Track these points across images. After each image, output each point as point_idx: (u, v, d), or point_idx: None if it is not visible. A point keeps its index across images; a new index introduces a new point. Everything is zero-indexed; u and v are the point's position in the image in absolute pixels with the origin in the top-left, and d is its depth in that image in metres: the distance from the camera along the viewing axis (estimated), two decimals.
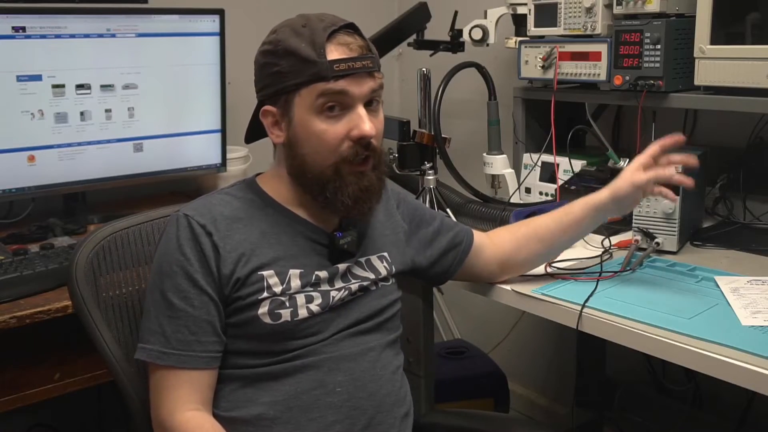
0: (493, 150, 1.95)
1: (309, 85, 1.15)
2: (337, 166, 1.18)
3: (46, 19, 1.90)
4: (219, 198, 1.24)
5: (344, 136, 1.17)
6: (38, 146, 1.95)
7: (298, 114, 1.17)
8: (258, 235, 1.21)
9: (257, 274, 1.18)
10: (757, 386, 1.13)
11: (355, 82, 1.16)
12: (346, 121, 1.17)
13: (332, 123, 1.16)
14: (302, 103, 1.16)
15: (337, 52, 1.15)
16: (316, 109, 1.16)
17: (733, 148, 1.88)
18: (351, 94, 1.16)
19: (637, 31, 1.72)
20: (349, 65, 1.15)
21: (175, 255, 1.16)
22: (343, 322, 1.23)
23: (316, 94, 1.15)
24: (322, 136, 1.17)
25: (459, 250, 1.43)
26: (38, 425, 2.12)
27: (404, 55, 2.74)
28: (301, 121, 1.17)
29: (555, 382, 2.61)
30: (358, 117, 1.17)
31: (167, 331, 1.15)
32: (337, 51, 1.15)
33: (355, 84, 1.16)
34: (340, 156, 1.17)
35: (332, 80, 1.14)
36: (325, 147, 1.17)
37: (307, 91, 1.15)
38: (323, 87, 1.14)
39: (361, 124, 1.16)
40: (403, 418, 1.26)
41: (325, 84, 1.14)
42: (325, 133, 1.16)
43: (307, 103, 1.16)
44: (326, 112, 1.16)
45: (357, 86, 1.16)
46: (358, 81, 1.16)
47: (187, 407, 1.15)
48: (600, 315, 1.34)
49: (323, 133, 1.17)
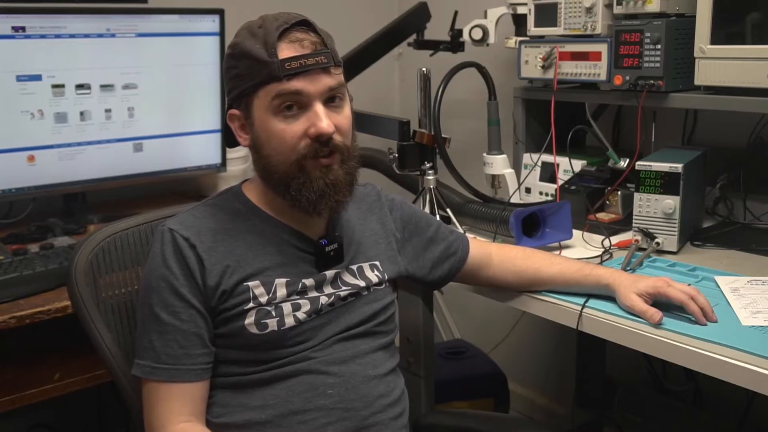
0: (493, 150, 1.95)
1: (264, 86, 1.15)
2: (299, 163, 1.17)
3: (45, 19, 1.90)
4: (204, 210, 1.24)
5: (302, 134, 1.16)
6: (38, 146, 1.95)
7: (258, 115, 1.18)
8: (243, 246, 1.21)
9: (243, 285, 1.18)
10: (757, 386, 1.13)
11: (309, 80, 1.15)
12: (305, 119, 1.16)
13: (290, 122, 1.16)
14: (260, 105, 1.17)
15: (288, 50, 1.15)
16: (273, 110, 1.16)
17: (733, 148, 1.87)
18: (306, 92, 1.15)
19: (637, 31, 1.71)
20: (301, 63, 1.14)
21: (161, 270, 1.17)
22: (333, 329, 1.23)
23: (272, 95, 1.15)
24: (281, 135, 1.16)
25: (454, 260, 1.43)
26: (38, 425, 2.12)
27: (404, 55, 2.73)
28: (261, 122, 1.18)
29: (555, 382, 2.61)
30: (315, 115, 1.16)
31: (157, 347, 1.16)
32: (289, 49, 1.15)
33: (309, 82, 1.15)
34: (299, 154, 1.17)
35: (285, 80, 1.13)
36: (284, 146, 1.17)
37: (263, 92, 1.16)
38: (277, 88, 1.14)
39: (318, 122, 1.15)
40: (396, 418, 1.26)
41: (279, 84, 1.14)
42: (283, 133, 1.16)
43: (264, 104, 1.16)
44: (284, 111, 1.16)
45: (312, 84, 1.15)
46: (313, 78, 1.15)
47: (179, 419, 1.15)
48: (600, 315, 1.34)
49: (282, 133, 1.16)
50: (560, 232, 1.69)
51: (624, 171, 1.80)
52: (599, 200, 1.84)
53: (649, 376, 2.19)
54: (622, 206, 1.82)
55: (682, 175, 1.58)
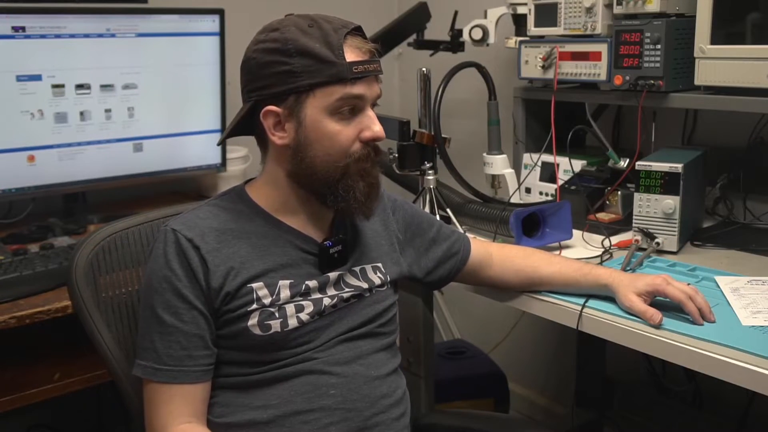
0: (493, 150, 1.95)
1: (327, 86, 1.14)
2: (347, 167, 1.18)
3: (45, 19, 1.90)
4: (207, 210, 1.23)
5: (355, 137, 1.18)
6: (38, 146, 1.95)
7: (311, 114, 1.16)
8: (247, 247, 1.20)
9: (247, 287, 1.18)
10: (757, 386, 1.13)
11: (368, 86, 1.17)
12: (357, 122, 1.18)
13: (345, 124, 1.17)
14: (316, 104, 1.15)
15: (352, 54, 1.15)
16: (331, 111, 1.16)
17: (733, 148, 1.87)
18: (365, 97, 1.17)
19: (637, 31, 1.71)
20: (366, 68, 1.16)
21: (163, 270, 1.16)
22: (336, 330, 1.23)
23: (336, 96, 1.15)
24: (336, 137, 1.17)
25: (456, 260, 1.44)
26: (38, 425, 2.12)
27: (404, 55, 2.74)
28: (314, 122, 1.16)
29: (555, 382, 2.61)
30: (369, 119, 1.18)
31: (159, 348, 1.15)
32: (353, 53, 1.16)
33: (368, 87, 1.17)
34: (351, 157, 1.18)
35: (350, 82, 1.14)
36: (337, 148, 1.17)
37: (323, 92, 1.15)
38: (343, 90, 1.14)
39: (373, 126, 1.18)
40: (399, 419, 1.26)
41: (344, 86, 1.14)
42: (339, 134, 1.17)
43: (322, 104, 1.15)
44: (342, 113, 1.16)
45: (369, 90, 1.18)
46: (370, 84, 1.18)
47: (180, 420, 1.15)
48: (600, 315, 1.34)
49: (337, 134, 1.17)
50: (560, 232, 1.69)
51: (624, 171, 1.80)
52: (599, 200, 1.84)
53: (649, 376, 2.19)
54: (622, 206, 1.82)
55: (682, 175, 1.59)
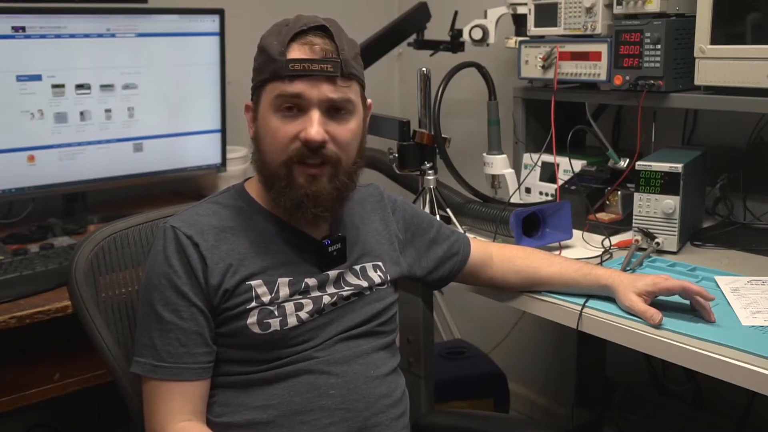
0: (493, 150, 1.95)
1: (270, 82, 1.17)
2: (288, 166, 1.17)
3: (45, 19, 1.90)
4: (207, 207, 1.24)
5: (294, 136, 1.17)
6: (38, 146, 1.95)
7: (261, 110, 1.20)
8: (246, 244, 1.20)
9: (246, 284, 1.18)
10: (757, 386, 1.13)
11: (311, 85, 1.15)
12: (300, 122, 1.16)
13: (286, 122, 1.17)
14: (265, 100, 1.19)
15: (298, 52, 1.16)
16: (274, 108, 1.17)
17: (733, 148, 1.87)
18: (306, 97, 1.15)
19: (637, 31, 1.71)
20: (305, 66, 1.14)
21: (163, 268, 1.17)
22: (335, 329, 1.23)
23: (275, 93, 1.16)
24: (275, 133, 1.17)
25: (456, 260, 1.44)
26: (38, 425, 2.12)
27: (404, 55, 2.73)
28: (262, 117, 1.19)
29: (555, 382, 2.61)
30: (308, 120, 1.16)
31: (158, 345, 1.15)
32: (299, 51, 1.16)
33: (311, 87, 1.15)
34: (288, 155, 1.17)
35: (287, 80, 1.14)
36: (276, 145, 1.17)
37: (269, 88, 1.17)
38: (280, 87, 1.15)
39: (309, 128, 1.15)
40: (398, 419, 1.26)
41: (281, 83, 1.15)
42: (277, 131, 1.17)
43: (267, 101, 1.18)
44: (284, 111, 1.17)
45: (313, 89, 1.15)
46: (316, 84, 1.15)
47: (179, 418, 1.15)
48: (600, 315, 1.34)
49: (276, 131, 1.17)
50: (560, 232, 1.69)
51: (624, 171, 1.80)
52: (599, 200, 1.84)
53: (649, 376, 2.19)
54: (622, 206, 1.82)
55: (682, 175, 1.59)
